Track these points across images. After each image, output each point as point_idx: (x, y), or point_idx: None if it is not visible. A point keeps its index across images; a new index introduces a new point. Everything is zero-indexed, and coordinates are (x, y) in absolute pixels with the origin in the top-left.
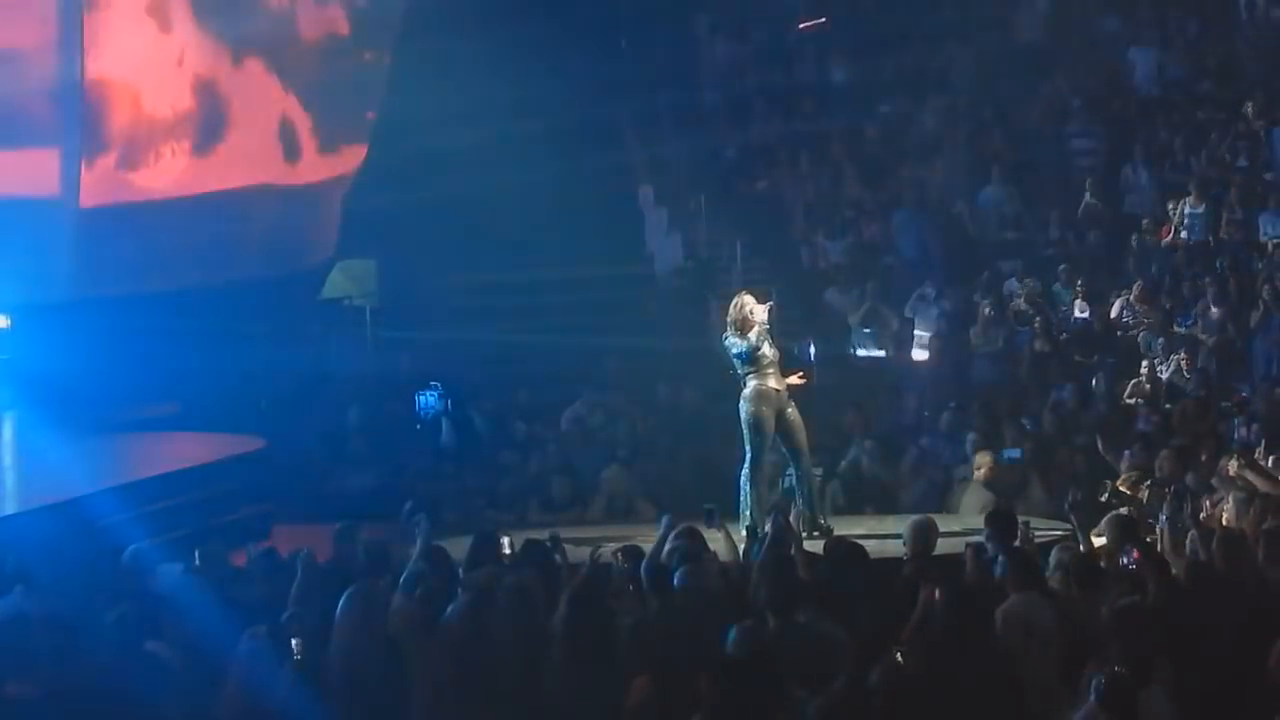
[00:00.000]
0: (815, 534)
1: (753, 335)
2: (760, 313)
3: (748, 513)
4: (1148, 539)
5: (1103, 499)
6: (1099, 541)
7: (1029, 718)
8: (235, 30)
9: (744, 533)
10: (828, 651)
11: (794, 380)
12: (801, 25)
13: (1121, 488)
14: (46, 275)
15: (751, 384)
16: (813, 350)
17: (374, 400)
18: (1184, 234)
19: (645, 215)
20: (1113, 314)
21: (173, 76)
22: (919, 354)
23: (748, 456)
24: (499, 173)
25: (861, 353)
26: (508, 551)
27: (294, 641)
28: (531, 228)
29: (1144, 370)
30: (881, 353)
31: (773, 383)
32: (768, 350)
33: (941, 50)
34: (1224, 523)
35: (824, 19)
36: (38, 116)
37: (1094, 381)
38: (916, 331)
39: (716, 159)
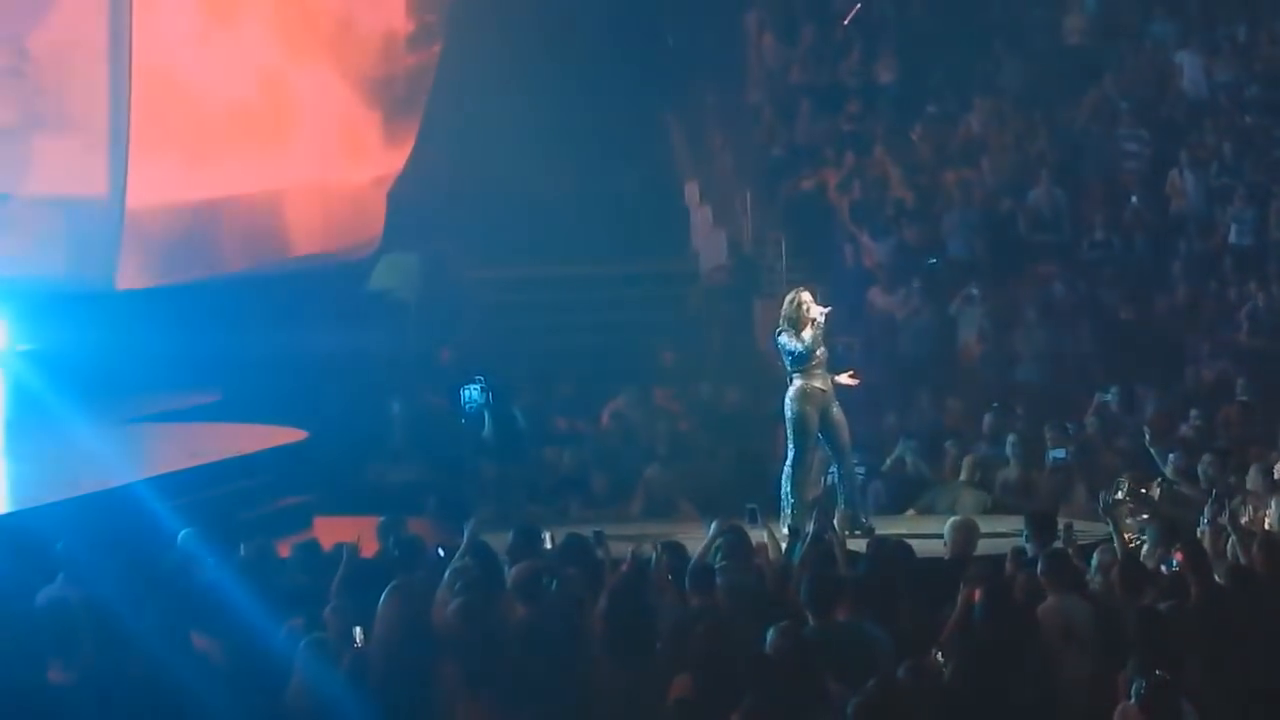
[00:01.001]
0: (857, 533)
1: (807, 335)
2: (817, 311)
3: (789, 511)
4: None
5: (1117, 496)
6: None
7: (1066, 718)
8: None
9: (786, 531)
10: (867, 651)
11: (846, 380)
12: (845, 20)
13: (1135, 486)
14: (91, 268)
15: (797, 383)
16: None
17: (416, 393)
18: (1231, 238)
19: (690, 212)
20: None
21: (231, 72)
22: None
23: (790, 455)
24: (545, 169)
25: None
26: (549, 546)
27: (355, 630)
28: (576, 224)
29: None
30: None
31: (818, 382)
32: (819, 351)
33: (989, 52)
34: (1266, 527)
35: (859, 3)
36: (86, 112)
37: (1137, 386)
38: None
39: (762, 157)
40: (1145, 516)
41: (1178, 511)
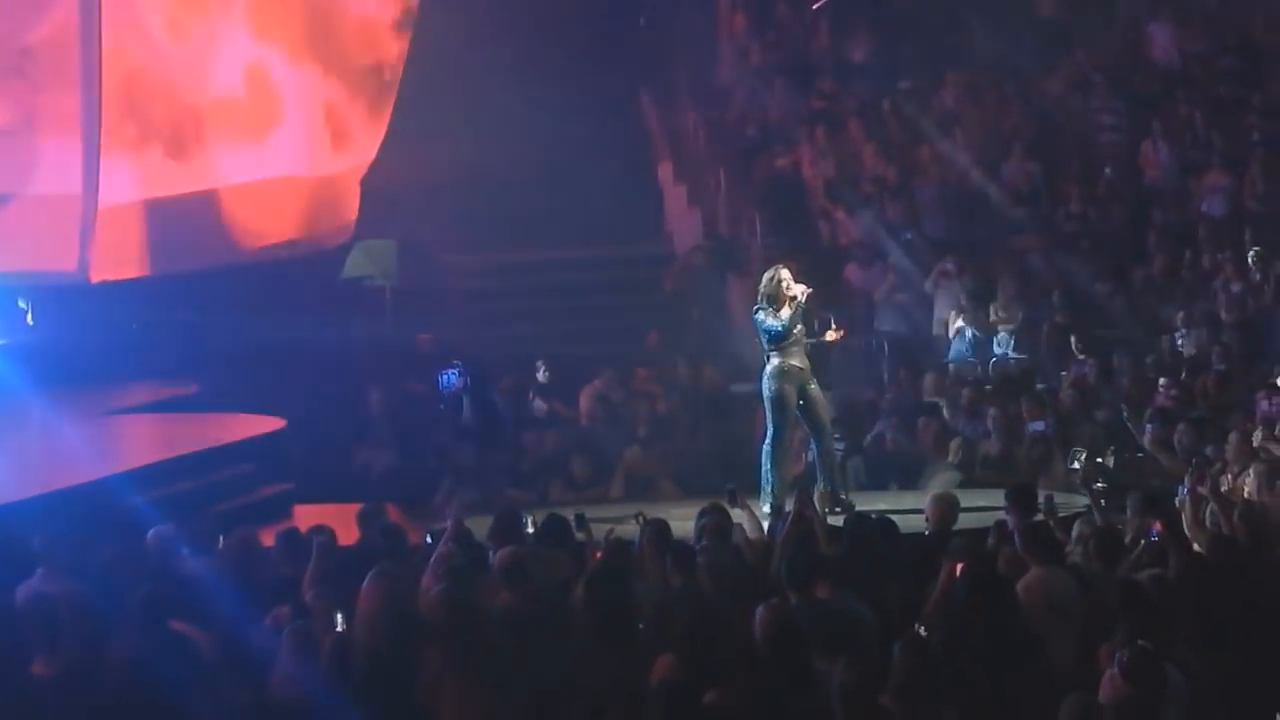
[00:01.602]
0: (837, 510)
1: (785, 313)
2: (797, 289)
3: (769, 490)
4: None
5: (1074, 466)
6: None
7: (1050, 690)
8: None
9: (766, 510)
10: (850, 627)
11: (833, 335)
12: (815, 5)
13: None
14: (64, 262)
15: (775, 361)
16: (833, 324)
17: (395, 380)
18: (1205, 208)
19: (664, 192)
20: None
21: (207, 63)
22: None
23: (770, 433)
24: (519, 152)
25: (884, 328)
26: (530, 530)
27: (337, 615)
28: (551, 207)
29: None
30: (903, 329)
31: (796, 360)
32: (797, 329)
33: (961, 25)
34: (1245, 496)
35: None
36: (59, 106)
37: (1114, 358)
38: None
39: (736, 136)
40: (1102, 485)
41: (1135, 480)
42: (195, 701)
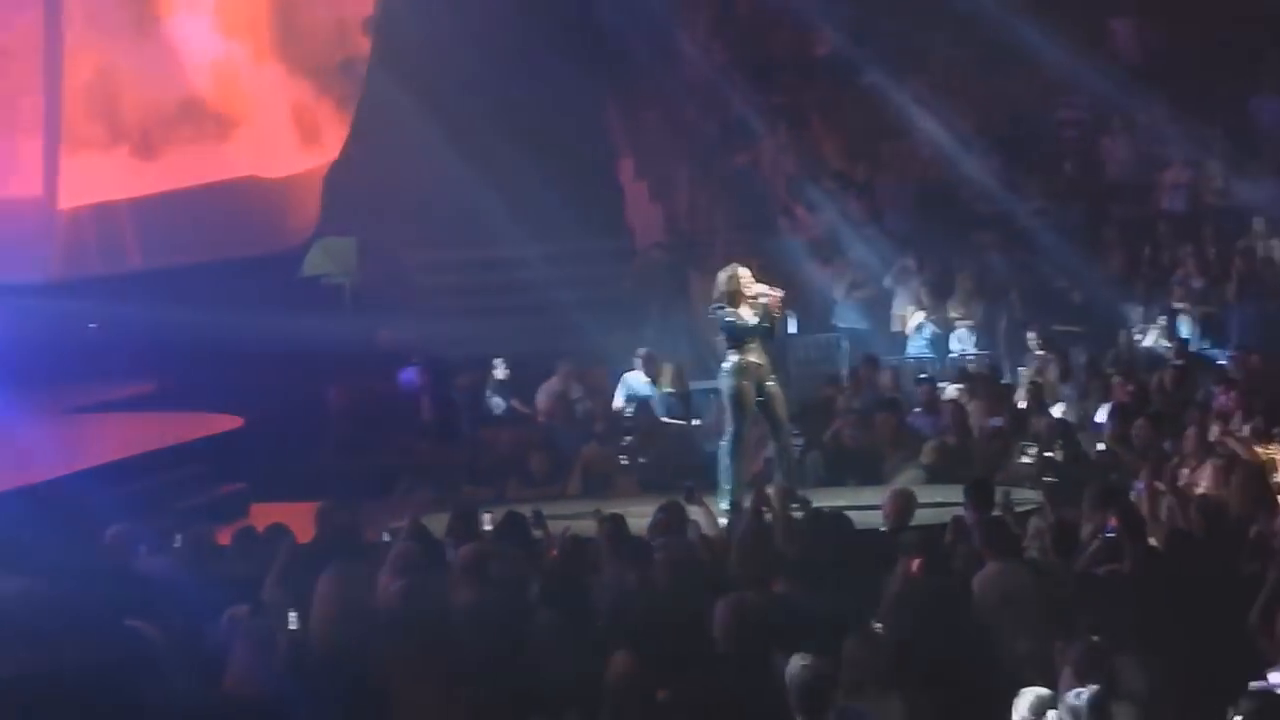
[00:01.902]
0: (794, 506)
1: (747, 312)
2: (754, 288)
3: (728, 486)
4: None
5: (1023, 460)
6: None
7: (1007, 685)
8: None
9: (724, 506)
10: (806, 623)
11: (769, 290)
12: None
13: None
14: (23, 263)
15: (733, 358)
16: (792, 323)
17: (353, 378)
18: (1165, 203)
19: (625, 189)
20: None
21: (176, 65)
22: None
23: (728, 430)
24: (479, 150)
25: (843, 325)
26: (487, 527)
27: (290, 614)
28: (512, 203)
29: (1123, 339)
30: (863, 325)
31: (754, 357)
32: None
33: (922, 21)
34: (1202, 490)
35: None
36: (17, 109)
37: (1071, 351)
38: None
39: (697, 132)
40: (1051, 479)
41: (1088, 474)
42: (151, 699)
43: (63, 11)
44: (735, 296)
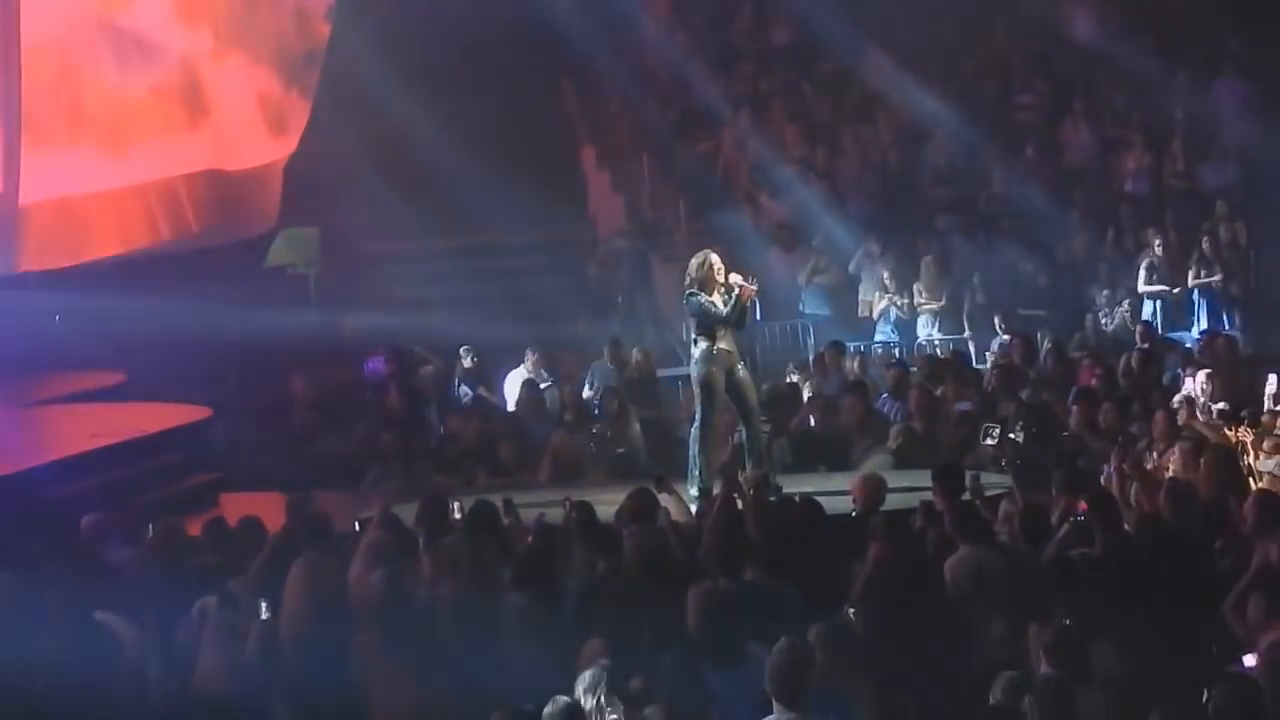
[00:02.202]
0: (769, 490)
1: (719, 299)
2: (733, 278)
3: (697, 473)
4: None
5: (986, 443)
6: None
7: (979, 669)
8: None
9: (694, 493)
10: (778, 609)
11: (742, 281)
12: None
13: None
14: None
15: (703, 345)
16: (757, 310)
17: (320, 368)
18: (1128, 187)
19: (588, 178)
20: None
21: (140, 57)
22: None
23: (698, 417)
24: (441, 139)
25: (808, 311)
26: (457, 516)
27: (261, 603)
28: (473, 192)
29: (1088, 323)
30: (827, 311)
31: (724, 344)
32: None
33: (881, 7)
34: (1170, 474)
35: None
36: None
37: (1039, 335)
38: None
39: (659, 120)
40: (1016, 462)
41: (1053, 458)
42: (121, 692)
43: (20, 5)
44: (708, 283)
